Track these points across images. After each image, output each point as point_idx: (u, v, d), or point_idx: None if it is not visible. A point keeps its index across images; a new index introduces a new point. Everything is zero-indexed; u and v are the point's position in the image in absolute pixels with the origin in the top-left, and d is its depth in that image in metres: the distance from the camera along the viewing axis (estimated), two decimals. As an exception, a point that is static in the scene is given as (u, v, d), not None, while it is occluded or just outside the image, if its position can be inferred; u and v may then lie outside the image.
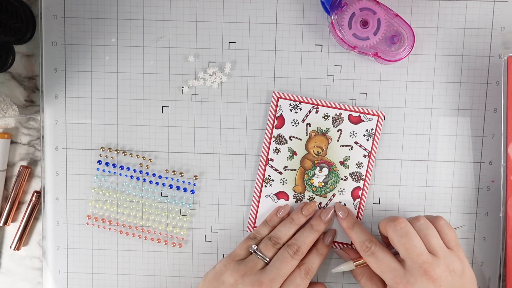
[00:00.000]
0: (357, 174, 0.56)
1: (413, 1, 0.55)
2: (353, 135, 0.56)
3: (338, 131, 0.56)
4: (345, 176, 0.56)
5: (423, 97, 0.56)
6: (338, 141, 0.56)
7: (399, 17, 0.53)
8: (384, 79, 0.56)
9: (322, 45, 0.56)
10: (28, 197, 0.59)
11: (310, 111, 0.56)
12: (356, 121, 0.56)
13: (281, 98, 0.56)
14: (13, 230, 0.60)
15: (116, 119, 0.57)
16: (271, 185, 0.57)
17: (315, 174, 0.56)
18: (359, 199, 0.57)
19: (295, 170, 0.57)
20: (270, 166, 0.57)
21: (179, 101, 0.57)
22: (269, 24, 0.56)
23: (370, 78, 0.56)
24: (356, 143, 0.56)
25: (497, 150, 0.56)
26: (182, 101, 0.57)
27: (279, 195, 0.57)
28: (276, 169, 0.57)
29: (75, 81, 0.57)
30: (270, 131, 0.56)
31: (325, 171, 0.56)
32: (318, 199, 0.57)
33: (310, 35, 0.56)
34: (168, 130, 0.57)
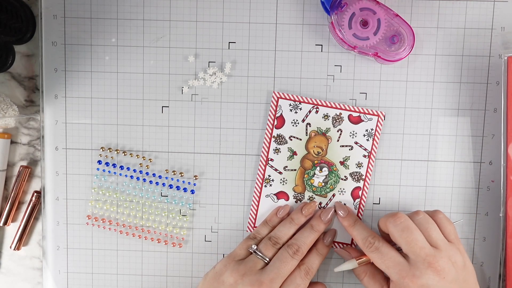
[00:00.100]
0: (357, 174, 0.56)
1: (413, 1, 0.55)
2: (353, 135, 0.56)
3: (338, 131, 0.56)
4: (345, 176, 0.56)
5: (423, 97, 0.56)
6: (338, 141, 0.56)
7: (399, 17, 0.53)
8: (384, 79, 0.56)
9: (322, 45, 0.56)
10: (28, 197, 0.59)
11: (310, 111, 0.56)
12: (356, 121, 0.56)
13: (281, 98, 0.56)
14: (13, 230, 0.60)
15: (116, 119, 0.57)
16: (271, 185, 0.57)
17: (315, 174, 0.56)
18: (359, 199, 0.56)
19: (295, 170, 0.57)
20: (270, 166, 0.57)
21: (179, 101, 0.57)
22: (269, 24, 0.56)
23: (370, 78, 0.56)
24: (356, 143, 0.56)
25: (497, 150, 0.56)
26: (182, 101, 0.57)
27: (279, 195, 0.57)
28: (276, 169, 0.57)
29: (75, 81, 0.57)
30: (270, 131, 0.56)
31: (325, 171, 0.56)
32: (318, 199, 0.57)
33: (310, 35, 0.56)
34: (168, 130, 0.57)
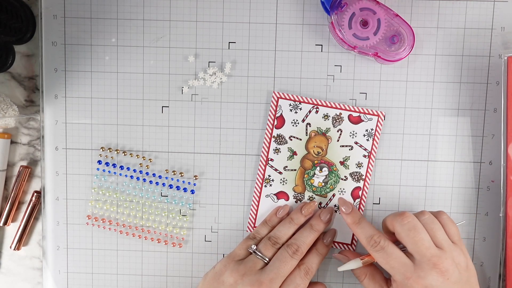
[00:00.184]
0: (357, 174, 0.56)
1: (413, 1, 0.55)
2: (353, 135, 0.56)
3: (338, 131, 0.56)
4: (345, 176, 0.56)
5: (423, 97, 0.56)
6: (338, 141, 0.56)
7: (399, 17, 0.53)
8: (384, 79, 0.56)
9: (322, 45, 0.56)
10: (28, 197, 0.59)
11: (310, 111, 0.56)
12: (356, 121, 0.56)
13: (281, 98, 0.56)
14: (13, 230, 0.60)
15: (116, 119, 0.57)
16: (271, 185, 0.57)
17: (315, 174, 0.56)
18: (359, 199, 0.56)
19: (295, 170, 0.57)
20: (270, 166, 0.57)
21: (179, 101, 0.57)
22: (269, 24, 0.56)
23: (370, 78, 0.56)
24: (356, 143, 0.56)
25: (497, 150, 0.56)
26: (182, 101, 0.57)
27: (279, 195, 0.57)
28: (276, 169, 0.57)
29: (75, 81, 0.57)
30: (270, 131, 0.56)
31: (325, 171, 0.56)
32: (318, 199, 0.57)
33: (310, 35, 0.56)
34: (168, 130, 0.57)
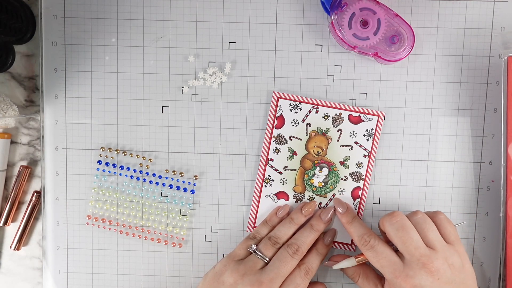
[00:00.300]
0: (357, 174, 0.56)
1: (413, 1, 0.55)
2: (353, 135, 0.56)
3: (338, 131, 0.56)
4: (345, 176, 0.56)
5: (423, 97, 0.56)
6: (338, 141, 0.56)
7: (399, 17, 0.53)
8: (384, 79, 0.56)
9: (322, 45, 0.56)
10: (28, 197, 0.59)
11: (310, 111, 0.56)
12: (356, 121, 0.56)
13: (281, 98, 0.56)
14: (13, 230, 0.60)
15: (116, 119, 0.57)
16: (271, 185, 0.57)
17: (315, 174, 0.56)
18: (359, 199, 0.56)
19: (295, 170, 0.56)
20: (270, 166, 0.57)
21: (179, 101, 0.57)
22: (269, 24, 0.56)
23: (370, 78, 0.56)
24: (356, 143, 0.56)
25: (497, 150, 0.56)
26: (182, 101, 0.57)
27: (279, 195, 0.57)
28: (276, 169, 0.57)
29: (75, 81, 0.57)
30: (270, 131, 0.56)
31: (325, 171, 0.56)
32: (318, 199, 0.57)
33: (310, 35, 0.56)
34: (168, 130, 0.57)
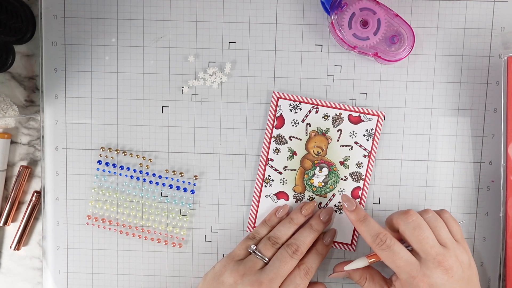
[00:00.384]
0: (357, 174, 0.56)
1: (413, 1, 0.55)
2: (353, 135, 0.56)
3: (338, 131, 0.56)
4: (345, 176, 0.56)
5: (423, 97, 0.56)
6: (338, 141, 0.56)
7: (399, 17, 0.53)
8: (384, 79, 0.56)
9: (322, 45, 0.56)
10: (28, 197, 0.59)
11: (310, 111, 0.56)
12: (356, 121, 0.56)
13: (281, 98, 0.56)
14: (13, 230, 0.60)
15: (116, 119, 0.57)
16: (271, 185, 0.57)
17: (315, 174, 0.56)
18: (359, 199, 0.56)
19: (295, 170, 0.56)
20: (270, 166, 0.57)
21: (179, 101, 0.57)
22: (269, 24, 0.56)
23: (370, 78, 0.56)
24: (356, 143, 0.56)
25: (497, 150, 0.56)
26: (182, 101, 0.57)
27: (279, 195, 0.57)
28: (276, 169, 0.57)
29: (75, 81, 0.57)
30: (270, 131, 0.56)
31: (325, 171, 0.56)
32: (318, 199, 0.57)
33: (310, 35, 0.56)
34: (168, 130, 0.57)
